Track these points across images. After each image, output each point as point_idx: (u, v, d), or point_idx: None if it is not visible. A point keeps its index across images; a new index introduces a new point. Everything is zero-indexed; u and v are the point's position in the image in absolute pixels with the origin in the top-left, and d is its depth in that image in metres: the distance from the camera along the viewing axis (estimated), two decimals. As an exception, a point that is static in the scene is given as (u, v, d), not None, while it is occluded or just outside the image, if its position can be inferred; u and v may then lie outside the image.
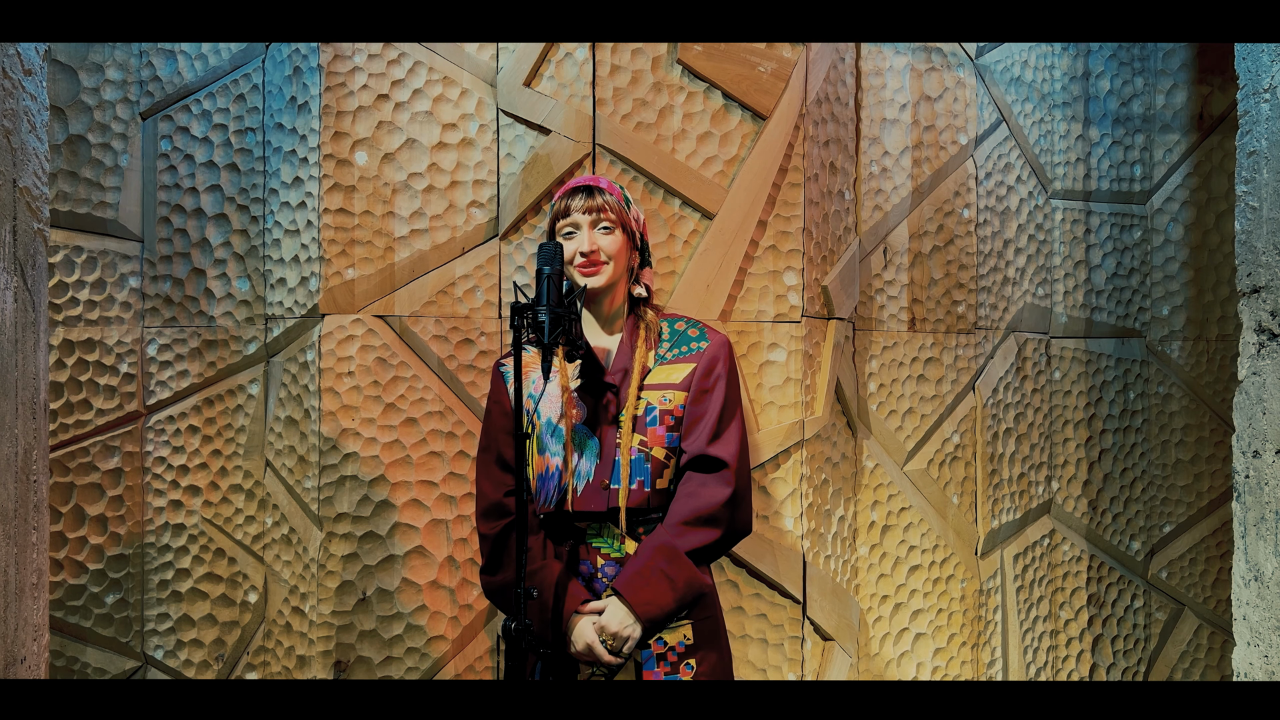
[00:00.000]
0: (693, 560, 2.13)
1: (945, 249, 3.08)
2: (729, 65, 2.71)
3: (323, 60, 2.63)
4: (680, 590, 2.11)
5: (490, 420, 2.28)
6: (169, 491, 2.84)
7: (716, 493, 2.14)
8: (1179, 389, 3.39)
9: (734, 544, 2.22)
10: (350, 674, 2.65)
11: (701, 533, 2.14)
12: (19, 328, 1.86)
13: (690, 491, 2.16)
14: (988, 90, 3.16)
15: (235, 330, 2.83)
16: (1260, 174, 2.35)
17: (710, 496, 2.14)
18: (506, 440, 2.22)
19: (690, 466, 2.18)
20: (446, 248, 2.68)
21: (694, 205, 2.71)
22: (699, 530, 2.14)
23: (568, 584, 2.15)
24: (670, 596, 2.10)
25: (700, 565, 2.15)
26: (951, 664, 3.08)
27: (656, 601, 2.10)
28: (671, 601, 2.11)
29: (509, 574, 2.18)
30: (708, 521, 2.14)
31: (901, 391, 3.03)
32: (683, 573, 2.11)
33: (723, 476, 2.15)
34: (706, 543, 2.14)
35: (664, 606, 2.10)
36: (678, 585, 2.11)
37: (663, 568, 2.10)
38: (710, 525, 2.14)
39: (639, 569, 2.11)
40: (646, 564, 2.11)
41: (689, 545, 2.13)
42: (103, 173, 2.80)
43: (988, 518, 3.17)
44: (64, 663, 2.80)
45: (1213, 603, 3.42)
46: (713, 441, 2.16)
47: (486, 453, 2.27)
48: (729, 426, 2.18)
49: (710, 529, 2.14)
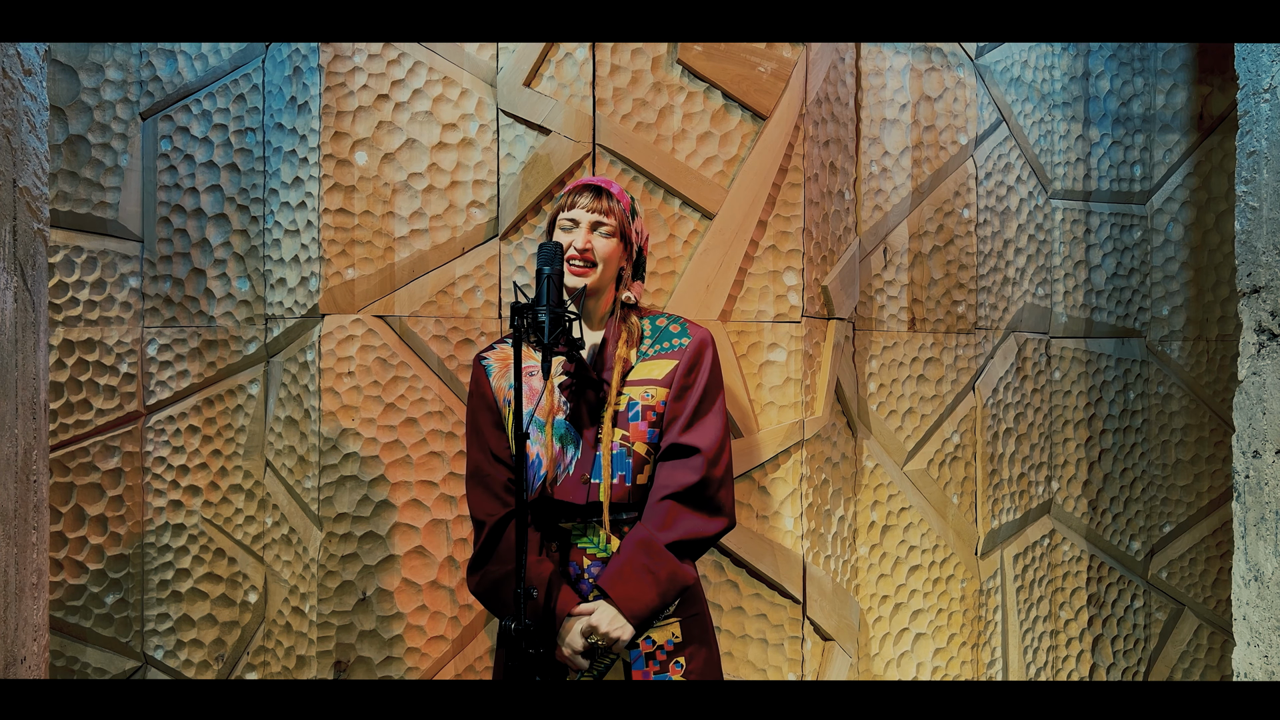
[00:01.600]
0: (674, 553, 2.13)
1: (945, 249, 3.08)
2: (729, 65, 2.71)
3: (323, 60, 2.63)
4: (663, 584, 2.11)
5: (473, 413, 2.29)
6: (169, 491, 2.84)
7: (684, 477, 2.15)
8: (1179, 389, 3.39)
9: (715, 534, 2.20)
10: (350, 674, 2.65)
11: (678, 523, 2.14)
12: (19, 328, 1.86)
13: (661, 481, 2.17)
14: (988, 90, 3.16)
15: (235, 330, 2.83)
16: (1260, 174, 2.35)
17: (678, 479, 2.15)
18: (491, 431, 2.24)
19: (664, 456, 2.19)
20: (446, 248, 2.68)
21: (694, 205, 2.71)
22: (674, 518, 2.14)
23: (560, 584, 2.15)
24: (653, 591, 2.10)
25: (683, 558, 2.15)
26: (951, 664, 3.08)
27: (640, 597, 2.10)
28: (655, 596, 2.11)
29: (497, 568, 2.18)
30: (679, 501, 2.14)
31: (901, 391, 3.03)
32: (664, 566, 2.12)
33: (692, 463, 2.15)
34: (687, 535, 2.14)
35: (648, 602, 2.10)
36: (660, 579, 2.11)
37: (644, 562, 2.11)
38: (682, 508, 2.14)
39: (620, 565, 2.12)
40: (627, 560, 2.12)
41: (669, 538, 2.13)
42: (103, 173, 2.80)
43: (988, 518, 3.17)
44: (64, 663, 2.80)
45: (1213, 603, 3.42)
46: (685, 431, 2.17)
47: (474, 450, 2.27)
48: (704, 417, 2.19)
49: (683, 514, 2.14)
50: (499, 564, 2.18)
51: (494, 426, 2.25)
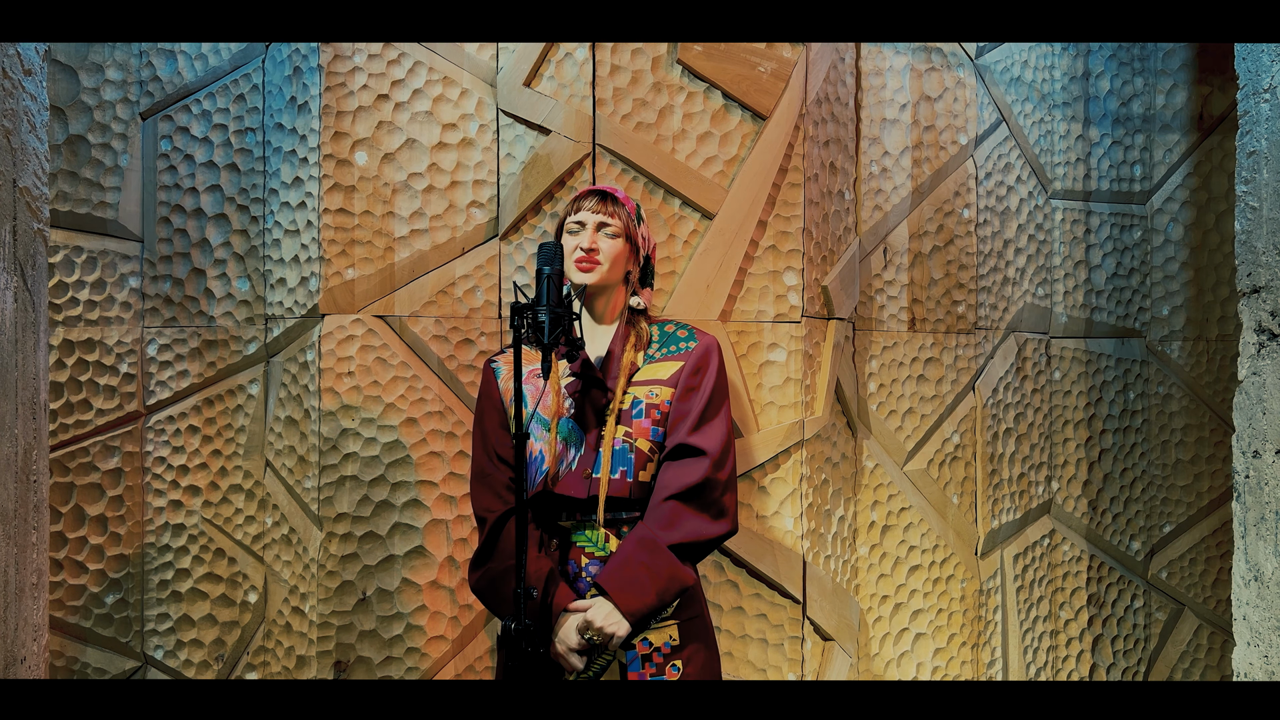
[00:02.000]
0: (676, 554, 2.13)
1: (945, 249, 3.08)
2: (729, 65, 2.71)
3: (323, 60, 2.63)
4: (662, 583, 2.11)
5: (481, 414, 2.30)
6: (169, 491, 2.84)
7: (688, 475, 2.15)
8: (1179, 389, 3.39)
9: (718, 537, 2.20)
10: (350, 674, 2.65)
11: (680, 524, 2.14)
12: (19, 328, 1.86)
13: (664, 481, 2.17)
14: (988, 90, 3.16)
15: (235, 330, 2.83)
16: (1260, 174, 2.35)
17: (682, 480, 2.15)
18: (497, 432, 2.25)
19: (669, 456, 2.19)
20: (446, 248, 2.68)
21: (694, 205, 2.71)
22: (677, 519, 2.14)
23: (558, 582, 2.16)
24: (652, 590, 2.10)
25: (684, 560, 2.15)
26: (951, 664, 3.08)
27: (638, 595, 2.10)
28: (653, 595, 2.10)
29: (498, 564, 2.19)
30: (683, 502, 2.14)
31: (901, 391, 3.03)
32: (664, 566, 2.12)
33: (697, 464, 2.16)
34: (689, 537, 2.14)
35: (646, 600, 2.10)
36: (660, 578, 2.11)
37: (644, 560, 2.11)
38: (685, 509, 2.14)
39: (620, 562, 2.12)
40: (627, 557, 2.12)
41: (671, 539, 2.13)
42: (103, 173, 2.80)
43: (988, 518, 3.17)
44: (64, 663, 2.80)
45: (1213, 603, 3.42)
46: (693, 433, 2.18)
47: (478, 450, 2.28)
48: (710, 421, 2.19)
49: (687, 516, 2.14)
50: (500, 560, 2.19)
51: (500, 428, 2.26)
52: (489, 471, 2.25)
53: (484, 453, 2.27)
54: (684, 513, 2.15)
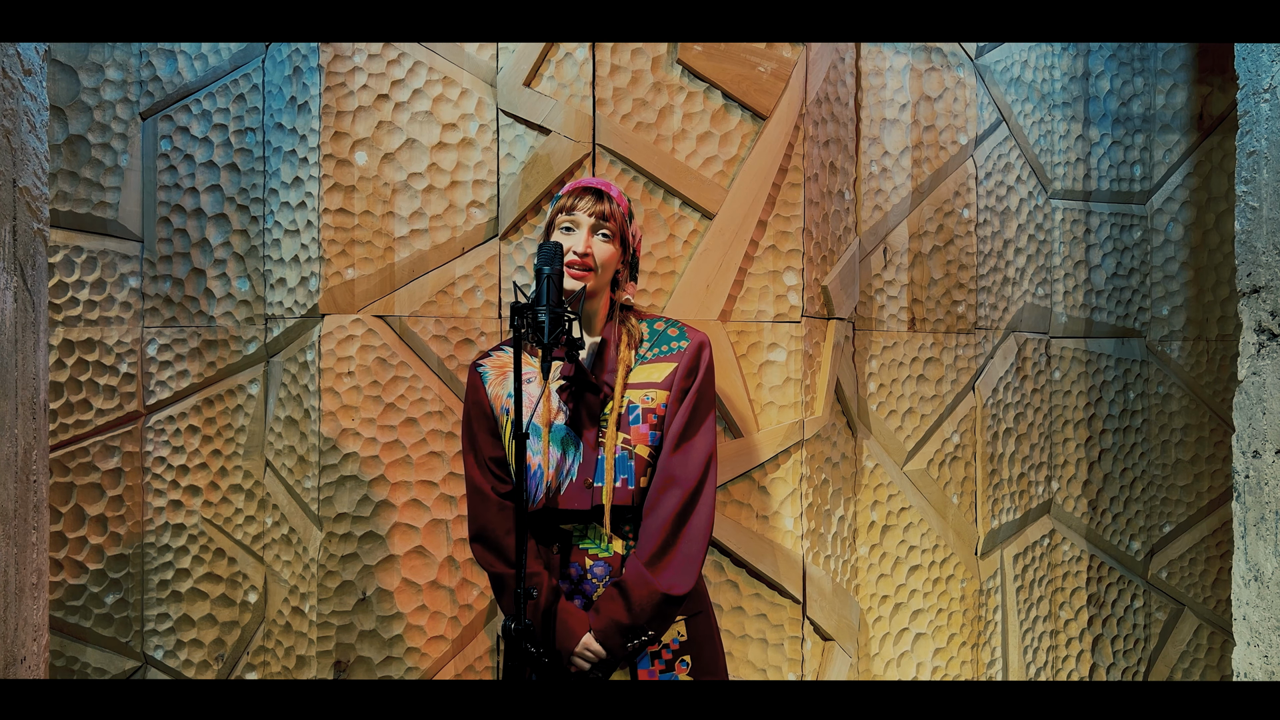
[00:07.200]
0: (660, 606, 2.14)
1: (945, 249, 3.08)
2: (729, 65, 2.71)
3: (323, 60, 2.63)
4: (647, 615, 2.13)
5: (469, 421, 2.27)
6: (169, 491, 2.84)
7: (668, 507, 2.16)
8: (1179, 389, 3.39)
9: (681, 596, 2.18)
10: (350, 674, 2.65)
11: (660, 572, 2.14)
12: (19, 328, 1.86)
13: (651, 502, 2.17)
14: (988, 90, 3.16)
15: (235, 330, 2.83)
16: (1260, 174, 2.35)
17: (648, 541, 2.15)
18: (486, 439, 2.23)
19: (654, 474, 2.19)
20: (446, 248, 2.68)
21: (694, 205, 2.71)
22: (655, 570, 2.14)
23: (562, 602, 2.16)
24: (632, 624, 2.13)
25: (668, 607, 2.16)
26: (951, 664, 3.08)
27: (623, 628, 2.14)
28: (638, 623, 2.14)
29: (500, 561, 2.20)
30: (661, 549, 2.14)
31: (901, 391, 3.03)
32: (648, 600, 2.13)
33: (674, 495, 2.16)
34: (675, 589, 2.14)
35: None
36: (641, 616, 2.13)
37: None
38: (664, 554, 2.14)
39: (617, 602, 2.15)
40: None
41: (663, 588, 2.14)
42: (103, 173, 2.80)
43: (988, 518, 3.17)
44: (64, 663, 2.80)
45: (1213, 603, 3.42)
46: (675, 450, 2.17)
47: (470, 463, 2.26)
48: (693, 438, 2.18)
49: (668, 566, 2.14)
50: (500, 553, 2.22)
51: (489, 434, 2.24)
52: (480, 484, 2.23)
53: (476, 465, 2.24)
54: (660, 552, 2.14)
